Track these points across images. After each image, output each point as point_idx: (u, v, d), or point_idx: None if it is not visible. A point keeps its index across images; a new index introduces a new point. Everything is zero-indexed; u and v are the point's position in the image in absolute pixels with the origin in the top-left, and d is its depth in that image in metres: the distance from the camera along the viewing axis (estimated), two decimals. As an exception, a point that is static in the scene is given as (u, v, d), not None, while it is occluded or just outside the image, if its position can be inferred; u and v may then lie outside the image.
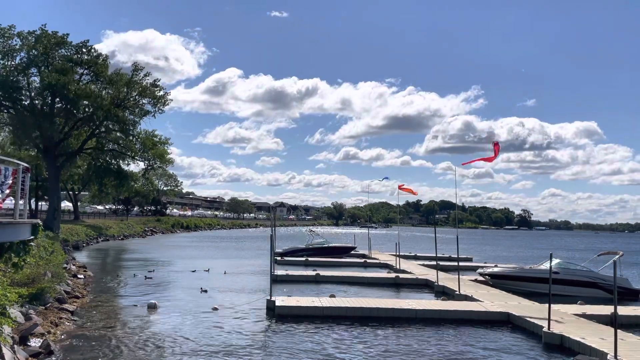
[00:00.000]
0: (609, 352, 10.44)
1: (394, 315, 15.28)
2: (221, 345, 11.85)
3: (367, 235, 41.50)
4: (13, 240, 10.74)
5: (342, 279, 24.25)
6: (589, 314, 15.26)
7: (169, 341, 12.01)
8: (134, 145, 46.18)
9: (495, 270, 24.08)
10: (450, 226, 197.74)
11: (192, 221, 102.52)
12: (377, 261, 33.35)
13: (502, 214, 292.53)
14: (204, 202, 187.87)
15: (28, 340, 10.71)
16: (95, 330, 12.79)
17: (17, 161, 11.24)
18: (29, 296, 13.59)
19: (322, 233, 51.95)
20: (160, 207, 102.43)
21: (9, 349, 9.10)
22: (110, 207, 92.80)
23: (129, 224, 69.61)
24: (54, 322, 12.88)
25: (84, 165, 51.79)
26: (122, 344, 11.66)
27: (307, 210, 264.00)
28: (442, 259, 29.37)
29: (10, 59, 39.28)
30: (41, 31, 39.54)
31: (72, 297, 16.56)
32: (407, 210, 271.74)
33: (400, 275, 24.79)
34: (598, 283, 21.52)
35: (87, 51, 41.54)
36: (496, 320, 15.12)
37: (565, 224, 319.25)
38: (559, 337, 12.45)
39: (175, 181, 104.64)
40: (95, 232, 51.96)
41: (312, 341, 12.42)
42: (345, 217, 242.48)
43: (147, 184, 73.60)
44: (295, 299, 16.72)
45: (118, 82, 42.05)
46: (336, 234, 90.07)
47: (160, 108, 44.52)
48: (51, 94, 40.02)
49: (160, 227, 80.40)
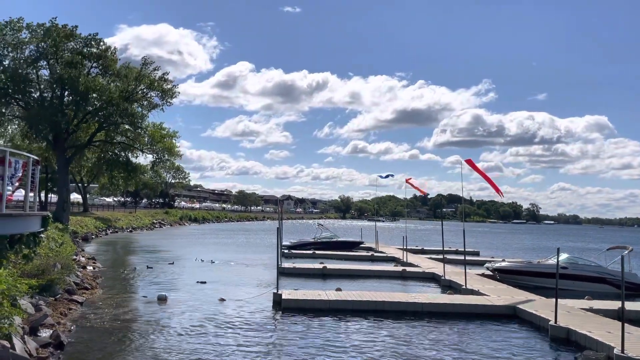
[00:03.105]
0: (616, 346, 10.41)
1: (400, 308, 15.29)
2: (227, 337, 11.94)
3: (374, 228, 41.50)
4: (23, 232, 10.87)
5: (349, 272, 24.30)
6: (596, 308, 15.21)
7: (177, 333, 12.11)
8: (143, 138, 46.42)
9: (502, 265, 24.02)
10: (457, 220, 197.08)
11: (200, 214, 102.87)
12: (384, 255, 33.36)
13: (510, 208, 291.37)
14: (211, 195, 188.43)
15: (38, 330, 10.84)
16: (105, 321, 12.92)
17: (27, 154, 11.35)
18: (39, 287, 13.71)
19: (329, 226, 52.02)
20: (168, 200, 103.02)
21: (19, 339, 9.22)
22: (119, 200, 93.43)
23: (137, 216, 69.98)
24: (64, 313, 13.04)
25: (93, 157, 52.11)
26: (132, 335, 11.78)
27: (314, 203, 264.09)
28: (449, 253, 29.36)
29: (19, 51, 39.48)
30: (51, 24, 39.69)
31: (82, 288, 16.72)
32: (414, 203, 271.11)
33: (406, 269, 24.81)
34: (606, 278, 21.39)
35: (95, 44, 41.67)
36: (503, 314, 15.11)
37: (574, 218, 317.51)
38: (565, 330, 12.43)
39: (183, 174, 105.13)
40: (104, 224, 52.28)
41: (318, 334, 12.48)
42: (353, 211, 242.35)
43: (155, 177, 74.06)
44: (301, 292, 16.78)
45: (127, 75, 42.19)
46: (343, 227, 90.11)
47: (168, 101, 44.66)
48: (60, 86, 40.24)
49: (169, 219, 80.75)
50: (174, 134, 50.63)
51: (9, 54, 39.34)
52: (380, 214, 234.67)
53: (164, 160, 51.47)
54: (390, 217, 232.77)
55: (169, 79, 44.34)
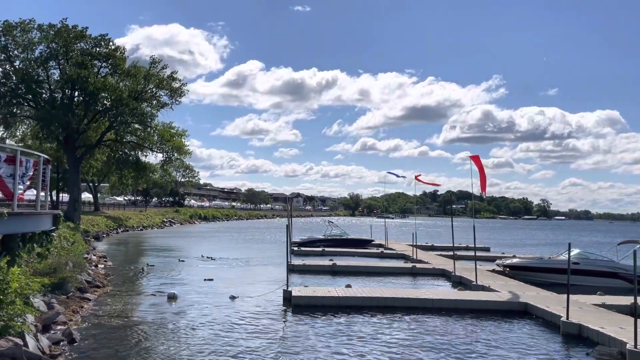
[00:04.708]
0: (629, 341, 10.32)
1: (410, 305, 15.25)
2: (238, 334, 11.98)
3: (383, 225, 41.42)
4: (35, 230, 10.96)
5: (359, 269, 24.27)
6: (608, 304, 15.09)
7: (188, 330, 12.17)
8: (152, 137, 46.62)
9: (513, 261, 23.88)
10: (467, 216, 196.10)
11: (209, 212, 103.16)
12: (394, 251, 33.30)
13: (521, 204, 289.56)
14: (221, 193, 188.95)
15: (51, 328, 10.95)
16: (116, 319, 13.01)
17: (38, 153, 11.43)
18: (51, 285, 13.85)
19: (339, 224, 51.98)
20: (178, 198, 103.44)
21: (32, 337, 9.31)
22: (130, 199, 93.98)
23: (147, 215, 70.35)
24: (76, 310, 13.15)
25: (103, 157, 52.44)
26: (143, 332, 11.85)
27: (323, 201, 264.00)
28: (459, 249, 29.24)
29: (30, 52, 39.79)
30: (61, 24, 39.96)
31: (93, 286, 16.86)
32: (424, 200, 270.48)
33: (417, 265, 24.73)
34: (619, 273, 21.24)
35: (105, 44, 41.90)
36: (514, 311, 15.04)
37: (585, 214, 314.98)
38: (577, 326, 12.35)
39: (192, 172, 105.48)
40: (115, 223, 52.64)
41: (328, 331, 12.49)
42: (362, 208, 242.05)
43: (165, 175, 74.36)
44: (311, 289, 16.79)
45: (136, 74, 42.40)
46: (353, 224, 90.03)
47: (177, 99, 44.82)
48: (70, 87, 40.51)
49: (179, 218, 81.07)
50: (183, 133, 50.79)
51: (19, 54, 39.70)
52: (390, 211, 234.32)
53: (173, 159, 51.65)
54: (400, 214, 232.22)
55: (177, 78, 44.56)
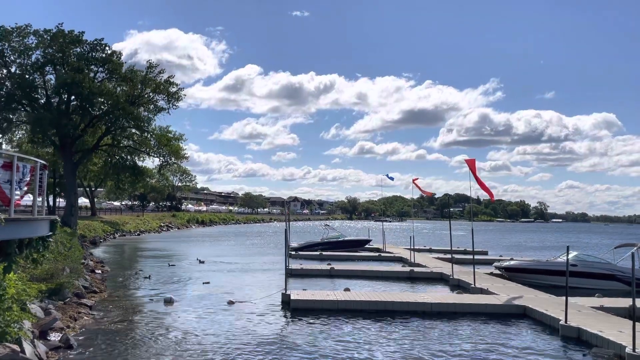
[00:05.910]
0: (627, 345, 10.32)
1: (409, 309, 15.24)
2: (237, 338, 11.93)
3: (381, 228, 41.42)
4: (32, 236, 10.89)
5: (357, 272, 24.24)
6: (606, 306, 15.08)
7: (186, 335, 12.12)
8: (149, 142, 46.60)
9: (511, 264, 23.88)
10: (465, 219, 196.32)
11: (207, 216, 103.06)
12: (392, 255, 33.27)
13: (518, 207, 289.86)
14: (218, 197, 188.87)
15: (48, 334, 10.89)
16: (114, 324, 12.96)
17: (35, 158, 11.38)
18: (48, 291, 13.79)
19: (337, 227, 51.98)
20: (175, 203, 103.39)
21: (29, 343, 9.26)
22: (127, 203, 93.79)
23: (145, 219, 70.26)
24: (73, 316, 13.08)
25: (100, 161, 52.38)
26: (140, 337, 11.80)
27: (321, 204, 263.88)
28: (457, 252, 29.23)
29: (26, 57, 39.76)
30: (57, 29, 39.95)
31: (90, 292, 16.79)
32: (421, 203, 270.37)
33: (414, 269, 24.71)
34: (617, 275, 21.24)
35: (101, 49, 41.90)
36: (512, 314, 15.02)
37: (582, 216, 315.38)
38: (576, 330, 12.34)
39: (189, 177, 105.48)
40: (112, 227, 52.52)
41: (327, 335, 12.45)
42: (359, 211, 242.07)
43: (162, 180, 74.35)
44: (310, 293, 16.76)
45: (133, 79, 42.39)
46: (350, 228, 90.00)
47: (173, 104, 44.82)
48: (67, 91, 40.46)
49: (176, 222, 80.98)
50: (180, 137, 50.81)
51: (16, 60, 39.67)
52: (387, 214, 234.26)
53: (170, 163, 51.67)
54: (398, 217, 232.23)
55: (174, 82, 44.58)
